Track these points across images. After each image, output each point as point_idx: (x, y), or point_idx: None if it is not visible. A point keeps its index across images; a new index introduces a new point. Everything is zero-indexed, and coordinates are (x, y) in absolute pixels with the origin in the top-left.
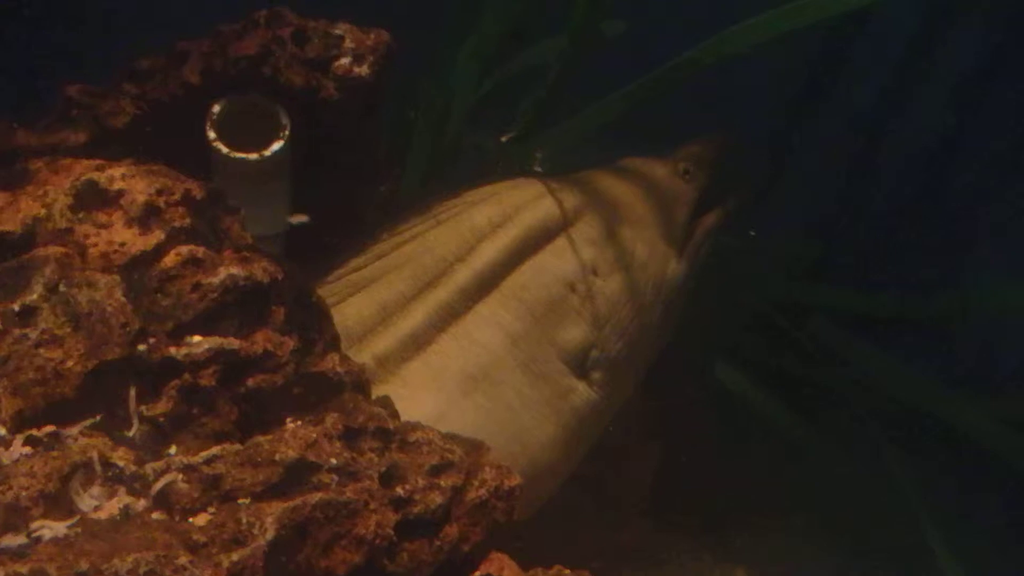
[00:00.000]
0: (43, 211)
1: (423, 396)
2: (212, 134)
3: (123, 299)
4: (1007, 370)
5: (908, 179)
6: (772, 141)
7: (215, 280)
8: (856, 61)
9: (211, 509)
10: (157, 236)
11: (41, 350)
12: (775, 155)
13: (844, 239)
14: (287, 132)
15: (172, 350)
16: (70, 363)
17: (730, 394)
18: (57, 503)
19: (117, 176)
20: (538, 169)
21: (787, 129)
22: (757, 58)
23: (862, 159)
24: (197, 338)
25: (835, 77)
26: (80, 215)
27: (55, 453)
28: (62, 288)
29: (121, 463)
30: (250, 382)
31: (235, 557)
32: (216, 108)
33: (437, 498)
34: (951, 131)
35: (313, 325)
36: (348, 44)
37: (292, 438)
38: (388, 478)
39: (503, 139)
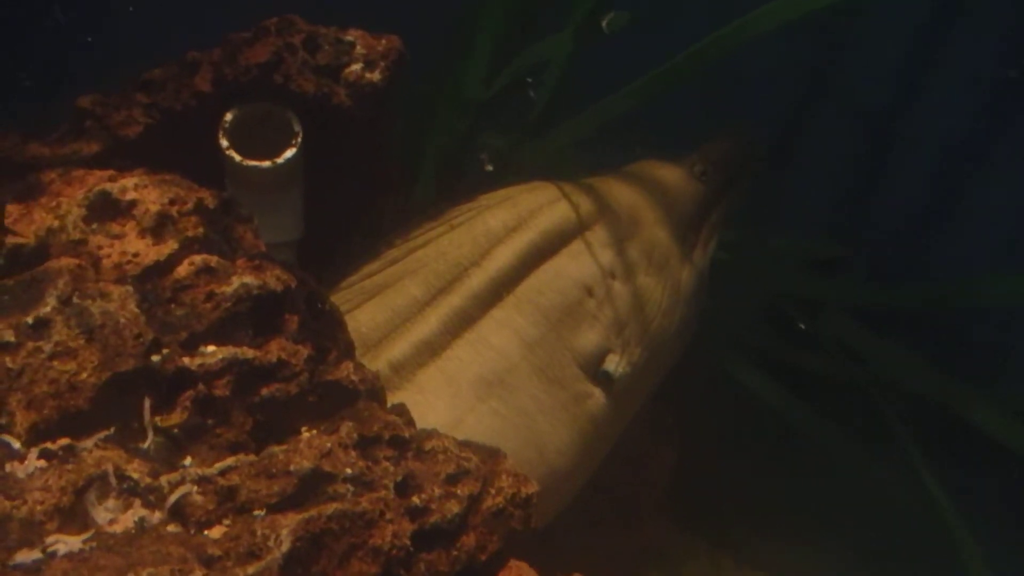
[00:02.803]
0: (56, 222)
1: (439, 402)
2: (224, 142)
3: (136, 310)
4: (1016, 364)
5: (918, 171)
6: (779, 136)
7: (228, 289)
8: (864, 54)
9: (226, 521)
10: (170, 246)
11: (55, 363)
12: (782, 150)
13: (854, 233)
14: (299, 139)
15: (186, 360)
16: (84, 375)
17: (746, 392)
18: (72, 517)
19: (130, 186)
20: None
21: (794, 123)
22: (763, 52)
23: (871, 151)
24: (211, 348)
25: (840, 70)
26: (93, 226)
27: (70, 466)
28: (75, 300)
29: (136, 475)
30: (264, 391)
31: (250, 570)
32: (228, 116)
33: (454, 507)
34: (961, 126)
35: (327, 333)
36: (359, 50)
37: (307, 448)
38: (404, 487)
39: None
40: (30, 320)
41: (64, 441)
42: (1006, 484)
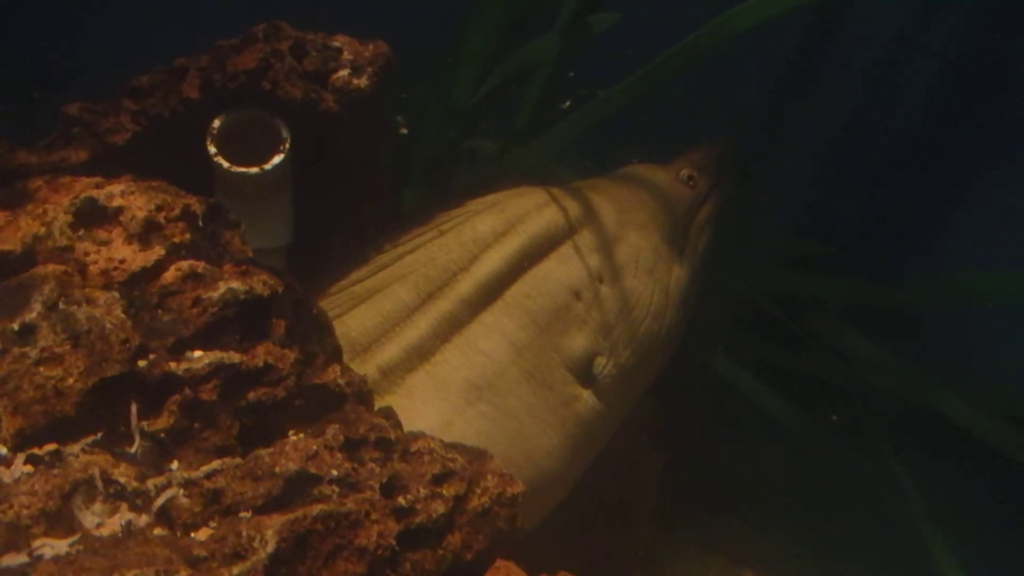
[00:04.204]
0: (43, 229)
1: (427, 406)
2: (213, 149)
3: (123, 315)
4: (976, 360)
5: (889, 170)
6: (758, 132)
7: (215, 294)
8: (836, 55)
9: (212, 523)
10: (157, 252)
11: (41, 368)
12: (761, 146)
13: (830, 231)
14: (287, 145)
15: (173, 365)
16: (70, 380)
17: (734, 393)
18: (59, 521)
19: (116, 193)
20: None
21: (772, 120)
22: (743, 50)
23: (844, 150)
24: (198, 353)
25: (815, 72)
26: (80, 232)
27: (56, 471)
28: (61, 306)
29: (123, 479)
30: (251, 395)
31: (236, 571)
32: (216, 123)
33: (439, 507)
34: (930, 123)
35: (314, 337)
36: (346, 56)
37: (292, 450)
38: (390, 488)
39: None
40: (16, 326)
41: (51, 446)
42: (988, 481)
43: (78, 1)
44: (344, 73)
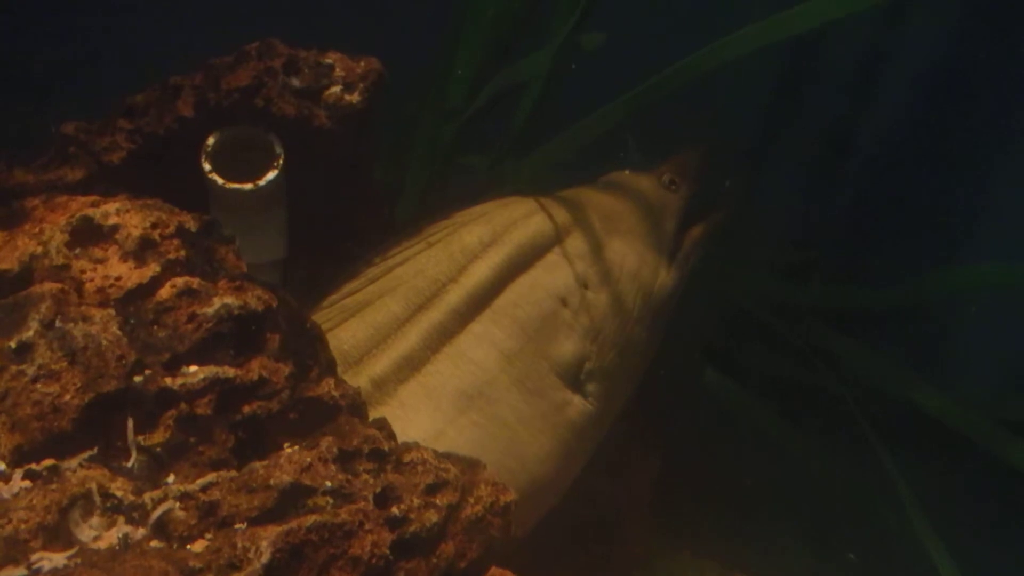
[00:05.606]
0: (40, 248)
1: (420, 416)
2: (207, 166)
3: (119, 332)
4: (965, 362)
5: (876, 174)
6: (748, 143)
7: (210, 310)
8: (824, 61)
9: (208, 535)
10: (152, 269)
11: (38, 385)
12: (751, 157)
13: (817, 237)
14: (281, 161)
15: (168, 380)
16: (67, 397)
17: (723, 398)
18: (56, 535)
19: (112, 211)
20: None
21: (762, 131)
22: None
23: (830, 155)
24: (193, 368)
25: (806, 80)
26: (76, 251)
27: (54, 486)
28: (58, 323)
29: (119, 493)
30: (246, 409)
31: None
32: (210, 140)
33: (432, 516)
34: (917, 126)
35: (308, 351)
36: (338, 73)
37: (287, 463)
38: (383, 498)
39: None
40: (13, 344)
41: (48, 462)
42: (980, 481)
43: (71, 18)
44: (336, 89)
